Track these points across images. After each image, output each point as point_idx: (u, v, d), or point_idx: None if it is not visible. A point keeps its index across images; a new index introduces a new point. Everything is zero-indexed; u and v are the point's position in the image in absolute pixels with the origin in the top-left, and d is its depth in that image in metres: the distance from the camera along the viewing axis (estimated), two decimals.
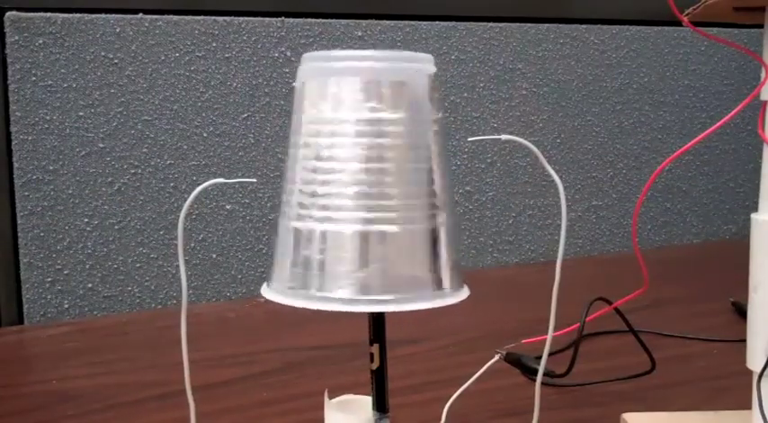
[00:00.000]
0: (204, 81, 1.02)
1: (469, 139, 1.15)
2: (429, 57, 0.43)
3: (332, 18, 1.07)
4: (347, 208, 0.41)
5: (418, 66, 0.42)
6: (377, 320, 0.45)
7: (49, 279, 0.97)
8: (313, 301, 0.41)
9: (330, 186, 0.41)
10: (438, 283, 0.43)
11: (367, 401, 0.47)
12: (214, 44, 1.02)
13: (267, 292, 0.44)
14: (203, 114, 1.02)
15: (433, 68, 0.43)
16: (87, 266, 0.99)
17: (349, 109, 0.41)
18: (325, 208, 0.41)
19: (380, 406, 0.45)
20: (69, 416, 0.67)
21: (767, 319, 0.51)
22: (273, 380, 0.74)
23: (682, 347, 0.82)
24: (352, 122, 0.41)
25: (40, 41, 0.94)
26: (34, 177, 0.95)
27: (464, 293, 0.44)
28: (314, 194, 0.41)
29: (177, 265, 1.03)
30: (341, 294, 0.41)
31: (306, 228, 0.42)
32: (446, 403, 0.59)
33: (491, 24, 1.16)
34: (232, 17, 1.02)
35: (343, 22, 1.07)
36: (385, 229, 0.41)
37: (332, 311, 0.41)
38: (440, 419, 0.58)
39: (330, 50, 0.42)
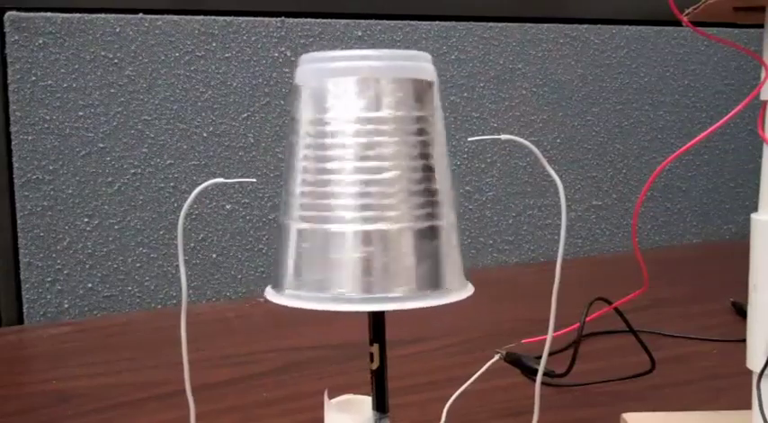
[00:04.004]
0: (204, 81, 1.02)
1: (469, 139, 1.15)
2: (426, 55, 0.43)
3: (332, 18, 1.07)
4: (348, 208, 0.41)
5: (416, 64, 0.42)
6: (377, 320, 0.45)
7: (49, 279, 0.97)
8: (317, 301, 0.41)
9: (331, 186, 0.41)
10: (441, 282, 0.43)
11: (367, 401, 0.46)
12: (214, 44, 1.02)
13: (272, 295, 0.44)
14: (203, 114, 1.02)
15: (430, 67, 0.43)
16: (87, 266, 0.99)
17: (347, 109, 0.41)
18: (326, 208, 0.41)
19: (380, 406, 0.45)
20: (69, 416, 0.67)
21: (767, 319, 0.51)
22: (273, 380, 0.74)
23: (682, 347, 0.82)
24: (350, 122, 0.41)
25: (40, 41, 0.94)
26: (34, 177, 0.95)
27: (467, 291, 0.44)
28: (315, 195, 0.41)
29: (177, 265, 1.03)
30: (344, 294, 0.41)
31: (308, 228, 0.42)
32: (446, 403, 0.59)
33: (491, 24, 1.16)
34: (232, 17, 1.02)
35: (343, 22, 1.07)
36: (386, 228, 0.41)
37: (336, 311, 0.41)
38: (440, 419, 0.58)
39: (328, 51, 0.42)
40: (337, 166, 0.41)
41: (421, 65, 0.42)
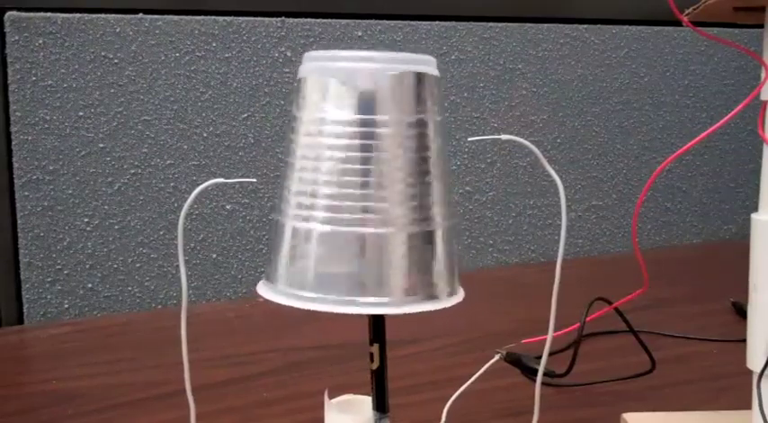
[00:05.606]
0: (204, 81, 1.02)
1: (469, 139, 1.15)
2: (431, 59, 0.43)
3: (332, 18, 1.07)
4: (344, 209, 0.41)
5: (418, 68, 0.42)
6: (377, 321, 0.45)
7: (49, 279, 0.97)
8: (309, 301, 0.41)
9: (327, 187, 0.41)
10: (433, 287, 0.43)
11: (367, 401, 0.47)
12: (214, 44, 1.02)
13: (264, 291, 0.44)
14: (203, 114, 1.02)
15: (434, 70, 0.43)
16: (87, 266, 0.99)
17: (347, 110, 0.41)
18: (322, 209, 0.41)
19: (380, 406, 0.45)
20: (69, 416, 0.67)
21: (767, 319, 0.51)
22: (273, 380, 0.74)
23: (682, 347, 0.82)
24: (349, 124, 0.41)
25: (40, 41, 0.94)
26: (34, 177, 0.95)
27: (458, 297, 0.44)
28: (312, 195, 0.41)
29: (177, 265, 1.03)
30: (337, 296, 0.41)
31: (303, 228, 0.42)
32: (446, 403, 0.59)
33: (491, 24, 1.16)
34: (232, 17, 1.02)
35: (343, 22, 1.07)
36: (381, 232, 0.41)
37: (328, 312, 0.41)
38: (440, 419, 0.58)
39: (331, 50, 0.42)
40: (334, 168, 0.41)
41: (424, 68, 0.42)
